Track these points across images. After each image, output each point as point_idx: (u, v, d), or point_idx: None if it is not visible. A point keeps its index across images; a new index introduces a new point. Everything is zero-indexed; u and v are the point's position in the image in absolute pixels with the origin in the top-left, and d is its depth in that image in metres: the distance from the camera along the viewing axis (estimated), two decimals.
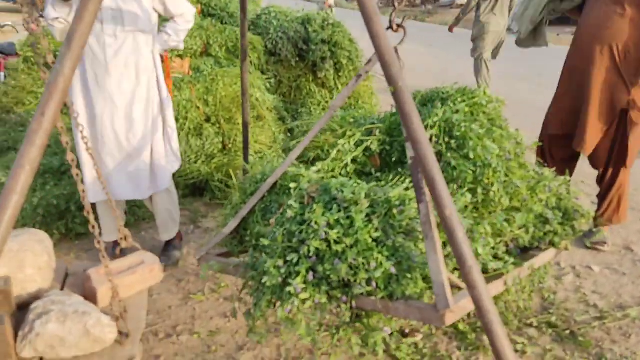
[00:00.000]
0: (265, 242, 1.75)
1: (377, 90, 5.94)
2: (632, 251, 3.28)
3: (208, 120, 4.38)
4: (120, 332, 1.65)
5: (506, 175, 2.09)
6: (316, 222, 1.66)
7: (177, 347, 2.46)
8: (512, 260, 1.91)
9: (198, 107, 4.27)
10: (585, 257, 3.23)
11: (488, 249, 1.84)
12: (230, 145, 4.33)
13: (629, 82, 2.95)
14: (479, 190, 2.01)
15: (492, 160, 2.01)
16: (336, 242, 1.65)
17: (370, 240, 1.64)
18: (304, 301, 1.65)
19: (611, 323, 2.55)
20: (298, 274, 1.67)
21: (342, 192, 1.73)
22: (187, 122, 4.20)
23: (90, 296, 1.80)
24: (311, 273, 1.65)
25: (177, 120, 4.18)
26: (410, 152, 1.58)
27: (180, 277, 3.05)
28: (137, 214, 3.74)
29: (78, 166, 1.71)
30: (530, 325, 2.54)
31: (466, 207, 1.98)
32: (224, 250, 2.29)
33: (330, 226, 1.67)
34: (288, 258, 1.68)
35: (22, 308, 1.65)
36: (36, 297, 1.71)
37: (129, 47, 2.70)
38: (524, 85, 9.24)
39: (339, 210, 1.70)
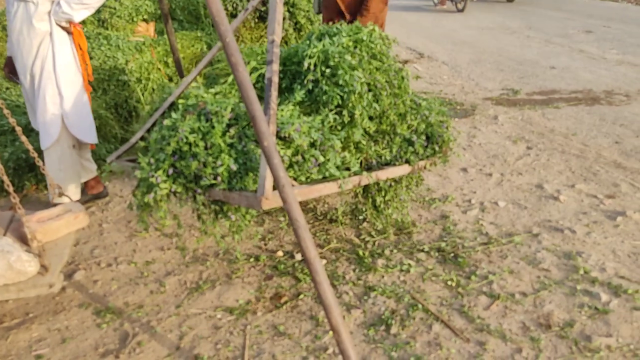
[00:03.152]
0: (141, 143, 2.15)
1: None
2: (543, 189, 3.55)
3: (170, 80, 4.71)
4: (42, 266, 2.09)
5: (374, 102, 2.39)
6: (182, 128, 2.03)
7: (114, 274, 2.88)
8: (356, 169, 2.23)
9: (159, 69, 4.60)
10: (497, 194, 3.52)
11: (337, 160, 2.17)
12: None
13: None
14: (345, 112, 2.33)
15: (357, 87, 2.30)
16: (196, 145, 2.03)
17: (223, 145, 2.02)
18: (164, 190, 2.06)
19: (494, 247, 2.87)
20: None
21: (212, 105, 2.09)
22: (149, 82, 4.54)
23: (23, 238, 2.23)
24: (172, 168, 2.07)
25: (139, 80, 4.54)
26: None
27: (130, 218, 3.45)
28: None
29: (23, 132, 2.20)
30: (422, 250, 2.88)
31: (331, 126, 2.32)
32: (134, 157, 2.69)
33: (192, 131, 2.04)
34: (157, 157, 2.06)
35: None
36: None
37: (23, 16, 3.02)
38: (512, 39, 9.30)
39: (207, 121, 2.07)
